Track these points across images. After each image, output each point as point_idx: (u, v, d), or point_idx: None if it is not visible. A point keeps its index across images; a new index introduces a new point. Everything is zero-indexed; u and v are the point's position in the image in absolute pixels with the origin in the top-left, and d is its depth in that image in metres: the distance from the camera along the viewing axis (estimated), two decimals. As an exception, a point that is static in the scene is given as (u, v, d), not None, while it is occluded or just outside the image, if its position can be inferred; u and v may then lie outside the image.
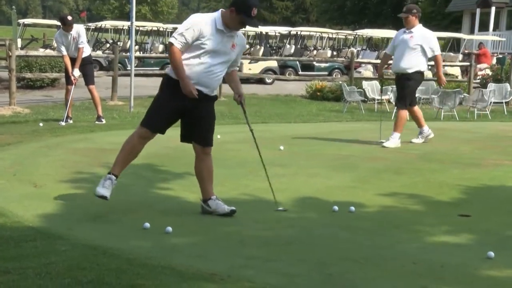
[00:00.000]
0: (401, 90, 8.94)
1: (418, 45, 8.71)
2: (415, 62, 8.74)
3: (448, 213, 5.51)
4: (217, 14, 4.90)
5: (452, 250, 4.46)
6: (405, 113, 8.97)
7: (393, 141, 8.88)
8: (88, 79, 10.76)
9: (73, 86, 10.61)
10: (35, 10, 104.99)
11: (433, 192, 6.25)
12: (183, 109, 4.95)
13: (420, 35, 8.77)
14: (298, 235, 4.70)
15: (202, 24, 4.82)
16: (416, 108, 9.25)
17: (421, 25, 8.93)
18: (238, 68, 5.26)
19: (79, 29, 10.54)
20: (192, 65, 4.85)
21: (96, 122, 10.77)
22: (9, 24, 45.15)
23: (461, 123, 13.00)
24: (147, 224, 4.68)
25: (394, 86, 14.95)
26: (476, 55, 22.96)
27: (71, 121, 10.77)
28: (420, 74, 8.89)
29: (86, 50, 10.67)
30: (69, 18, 10.43)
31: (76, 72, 10.47)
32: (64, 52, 10.46)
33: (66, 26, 10.33)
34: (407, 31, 8.84)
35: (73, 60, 10.45)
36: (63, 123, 10.52)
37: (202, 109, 4.99)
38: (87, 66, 10.77)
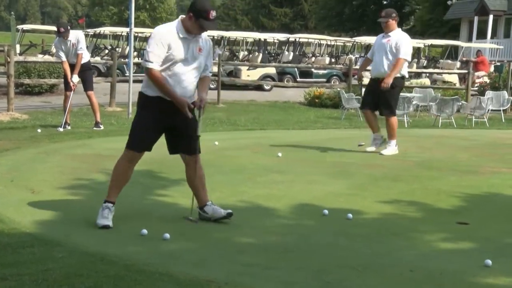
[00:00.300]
0: (387, 98, 8.69)
1: (395, 48, 8.57)
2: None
3: (446, 221, 5.51)
4: (177, 22, 4.86)
5: (450, 258, 4.46)
6: (395, 120, 8.86)
7: (391, 149, 8.85)
8: (87, 85, 10.76)
9: (72, 92, 10.61)
10: (34, 16, 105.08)
11: (431, 199, 6.25)
12: (165, 123, 4.92)
13: (397, 39, 8.61)
14: (296, 242, 4.69)
15: (167, 35, 4.79)
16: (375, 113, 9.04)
17: (400, 29, 8.81)
18: (210, 74, 5.14)
19: (78, 35, 10.54)
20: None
21: (94, 128, 10.77)
22: (8, 30, 45.15)
23: (458, 130, 13.01)
24: (145, 231, 4.68)
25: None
26: (474, 63, 23.03)
27: (69, 127, 10.77)
28: (401, 79, 8.74)
29: (85, 56, 10.68)
30: (62, 29, 10.34)
31: (75, 78, 10.47)
32: (64, 58, 10.46)
33: (60, 35, 10.35)
34: (385, 35, 8.71)
35: (72, 66, 10.46)
36: (61, 129, 10.52)
37: (183, 119, 4.91)
38: (86, 72, 10.78)
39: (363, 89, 9.39)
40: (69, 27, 10.58)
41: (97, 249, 4.28)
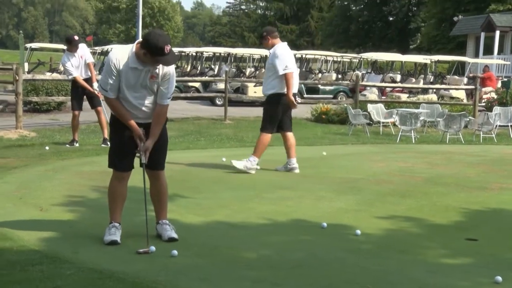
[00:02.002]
0: (263, 114, 8.45)
1: (271, 65, 8.18)
2: (272, 84, 8.21)
3: (455, 237, 5.48)
4: (130, 52, 4.75)
5: (459, 275, 4.43)
6: (266, 138, 8.34)
7: (247, 163, 8.24)
8: (96, 101, 10.82)
9: (81, 111, 10.77)
10: (42, 34, 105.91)
11: (439, 215, 6.22)
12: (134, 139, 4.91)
13: (271, 54, 8.23)
14: (305, 258, 4.68)
15: (118, 63, 4.74)
16: (290, 135, 8.53)
17: (280, 44, 8.25)
18: (166, 102, 4.86)
19: (83, 47, 10.80)
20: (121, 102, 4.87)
21: (102, 145, 10.79)
22: (16, 48, 45.55)
23: (466, 146, 12.97)
24: (153, 248, 4.68)
25: (399, 108, 15.04)
26: (481, 79, 22.99)
27: (77, 144, 10.82)
28: (278, 96, 8.19)
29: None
30: (76, 37, 10.63)
31: (95, 85, 10.58)
32: (75, 74, 10.55)
33: (72, 46, 10.47)
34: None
35: (84, 81, 10.58)
36: (68, 146, 10.63)
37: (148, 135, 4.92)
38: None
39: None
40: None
41: (105, 266, 4.28)
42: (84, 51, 10.68)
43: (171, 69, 4.86)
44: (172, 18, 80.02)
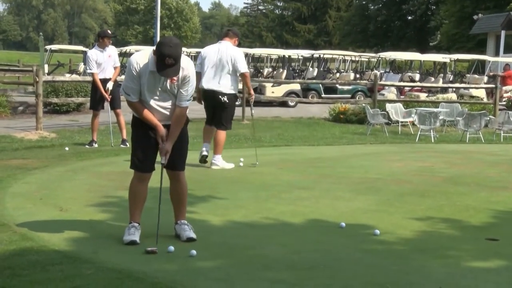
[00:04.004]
0: None
1: None
2: None
3: (475, 237, 5.43)
4: (150, 55, 4.75)
5: (481, 275, 4.39)
6: (203, 129, 9.04)
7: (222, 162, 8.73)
8: (116, 103, 10.88)
9: (101, 110, 10.86)
10: (61, 36, 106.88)
11: (459, 215, 6.17)
12: (156, 140, 4.93)
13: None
14: (323, 259, 4.66)
15: (139, 67, 4.76)
16: (218, 132, 8.88)
17: (214, 44, 8.93)
18: (185, 104, 4.89)
19: (114, 49, 10.89)
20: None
21: (121, 145, 10.87)
22: (36, 50, 46.02)
23: (487, 145, 12.85)
24: (172, 248, 4.70)
25: (418, 108, 14.95)
26: (502, 77, 22.76)
27: (96, 145, 10.90)
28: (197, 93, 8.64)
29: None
30: (109, 31, 10.75)
31: (110, 85, 10.61)
32: (95, 70, 10.58)
33: (105, 40, 10.51)
34: None
35: (101, 81, 10.62)
36: (87, 146, 10.72)
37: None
38: (115, 89, 10.90)
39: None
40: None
41: (124, 266, 4.31)
42: (113, 52, 10.76)
43: (191, 72, 4.87)
44: (190, 19, 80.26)
